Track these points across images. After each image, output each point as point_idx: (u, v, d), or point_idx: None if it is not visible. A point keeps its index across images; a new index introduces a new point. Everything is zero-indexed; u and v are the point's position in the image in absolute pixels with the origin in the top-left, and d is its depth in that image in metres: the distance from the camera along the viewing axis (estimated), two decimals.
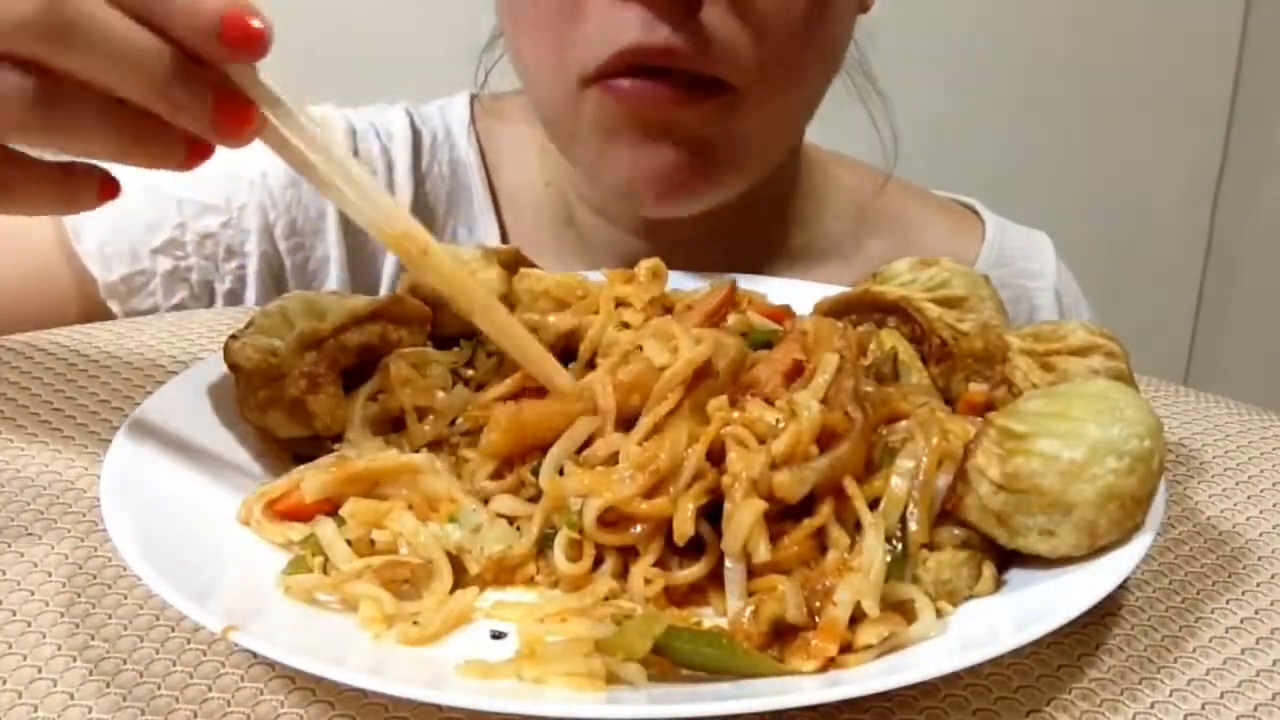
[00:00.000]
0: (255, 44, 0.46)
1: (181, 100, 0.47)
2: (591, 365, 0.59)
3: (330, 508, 0.52)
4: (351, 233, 0.88)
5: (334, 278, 0.88)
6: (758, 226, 0.91)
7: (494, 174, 0.93)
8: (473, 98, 0.95)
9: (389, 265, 0.90)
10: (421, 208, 0.90)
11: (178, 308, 0.85)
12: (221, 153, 0.86)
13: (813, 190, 0.94)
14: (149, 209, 0.83)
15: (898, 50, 0.94)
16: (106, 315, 0.83)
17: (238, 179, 0.85)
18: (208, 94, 0.47)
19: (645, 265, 0.67)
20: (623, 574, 0.49)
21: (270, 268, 0.86)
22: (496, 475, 0.54)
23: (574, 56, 0.72)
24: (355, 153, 0.88)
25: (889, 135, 0.92)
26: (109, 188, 0.54)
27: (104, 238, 0.81)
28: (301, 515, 0.52)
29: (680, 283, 0.71)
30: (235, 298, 0.87)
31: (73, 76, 0.46)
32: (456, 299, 0.54)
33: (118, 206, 0.81)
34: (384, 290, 0.90)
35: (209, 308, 0.86)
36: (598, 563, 0.49)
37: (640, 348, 0.54)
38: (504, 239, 0.91)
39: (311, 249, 0.87)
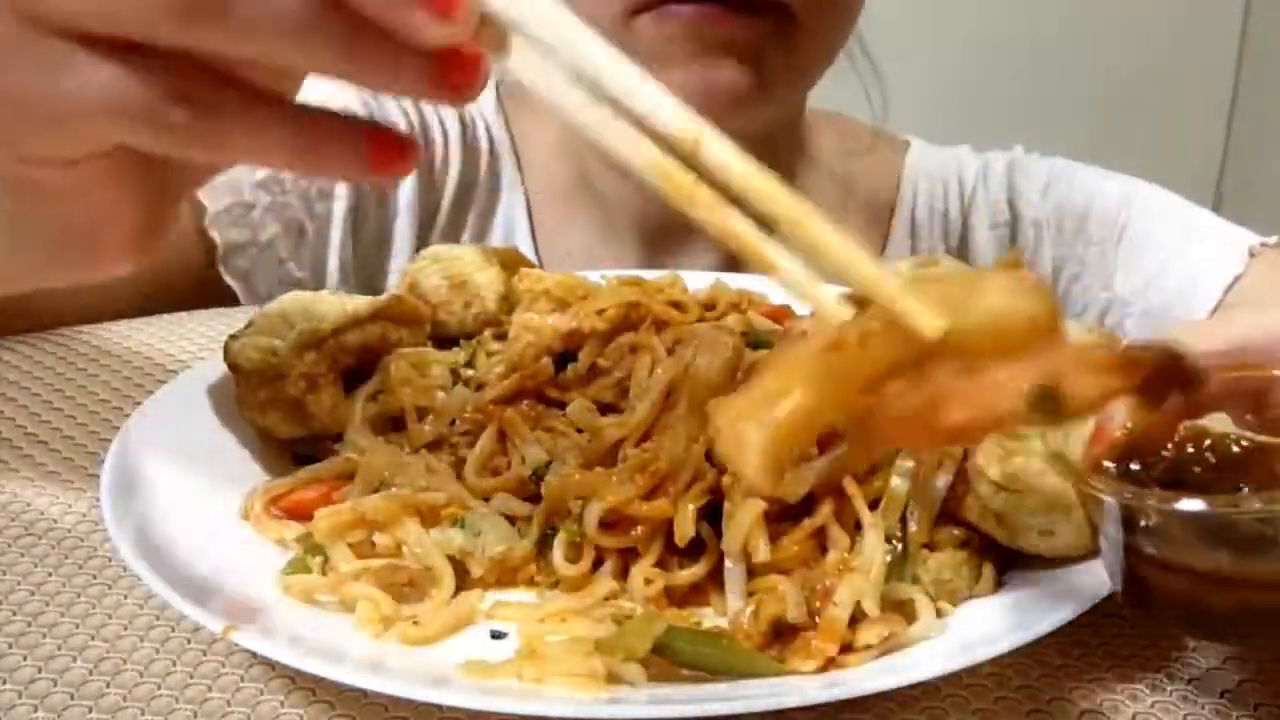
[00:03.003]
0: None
1: (381, 62, 0.34)
2: (593, 370, 0.59)
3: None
4: (421, 184, 0.92)
5: (403, 222, 0.92)
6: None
7: (520, 151, 0.98)
8: (497, 83, 1.00)
9: (441, 219, 0.94)
10: (468, 180, 0.96)
11: (268, 244, 0.87)
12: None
13: (813, 147, 1.00)
14: None
15: (897, 49, 0.95)
16: (209, 241, 0.85)
17: None
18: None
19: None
20: (623, 574, 0.49)
21: (353, 213, 0.90)
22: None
23: None
24: (413, 127, 0.92)
25: (880, 103, 0.98)
26: (392, 151, 0.37)
27: None
28: (303, 514, 0.52)
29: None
30: (320, 242, 0.90)
31: (222, 65, 0.35)
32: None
33: None
34: (436, 239, 0.95)
35: (296, 249, 0.89)
36: (598, 563, 0.49)
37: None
38: (529, 212, 0.97)
39: (387, 198, 0.92)
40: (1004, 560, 0.49)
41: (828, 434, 0.49)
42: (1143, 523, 0.39)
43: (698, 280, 0.72)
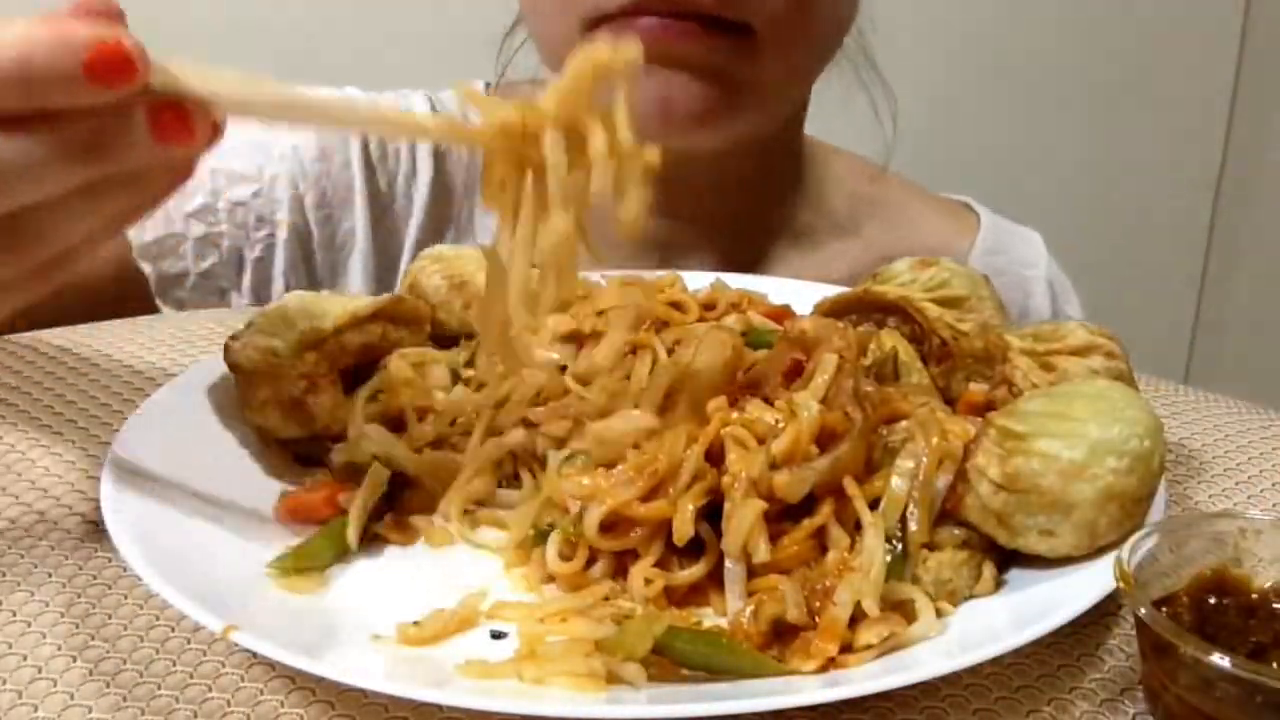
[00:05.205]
0: (128, 68, 0.42)
1: (121, 153, 0.43)
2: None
3: (336, 509, 0.52)
4: (378, 205, 0.91)
5: (360, 249, 0.91)
6: (761, 206, 0.93)
7: None
8: (487, 86, 0.98)
9: (411, 233, 0.93)
10: (441, 186, 0.94)
11: (206, 274, 0.87)
12: (254, 126, 0.88)
13: (813, 173, 0.97)
14: None
15: (896, 48, 0.95)
16: (138, 274, 0.85)
17: (270, 150, 0.88)
18: (138, 129, 0.43)
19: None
20: (619, 573, 0.49)
21: (299, 237, 0.89)
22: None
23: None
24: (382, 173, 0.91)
25: (890, 123, 0.95)
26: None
27: None
28: (307, 514, 0.52)
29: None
30: (263, 267, 0.89)
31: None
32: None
33: None
34: (406, 257, 0.93)
35: (237, 277, 0.89)
36: (591, 560, 0.49)
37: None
38: None
39: (339, 221, 0.90)
40: (1004, 560, 0.49)
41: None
42: (1181, 654, 0.39)
43: (698, 280, 0.73)
